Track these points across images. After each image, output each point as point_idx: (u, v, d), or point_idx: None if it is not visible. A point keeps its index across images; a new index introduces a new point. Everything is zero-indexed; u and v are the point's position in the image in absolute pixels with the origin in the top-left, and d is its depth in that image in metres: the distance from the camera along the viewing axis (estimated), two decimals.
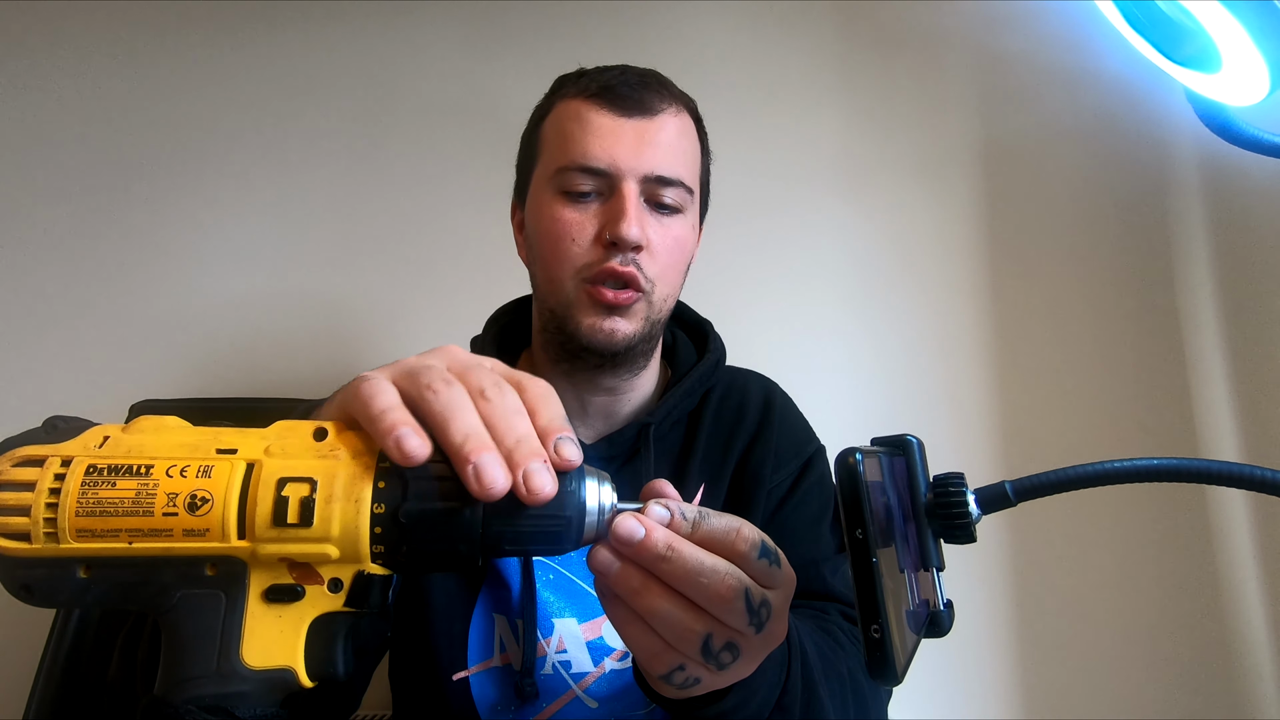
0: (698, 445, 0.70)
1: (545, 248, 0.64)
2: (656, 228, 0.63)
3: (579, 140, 0.62)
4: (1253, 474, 0.30)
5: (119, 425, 0.32)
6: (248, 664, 0.30)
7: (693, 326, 0.78)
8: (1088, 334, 1.16)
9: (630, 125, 0.62)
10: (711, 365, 0.73)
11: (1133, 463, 0.32)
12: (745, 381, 0.76)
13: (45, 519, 0.29)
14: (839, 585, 0.68)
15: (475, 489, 0.29)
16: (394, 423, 0.30)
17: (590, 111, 0.62)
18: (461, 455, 0.30)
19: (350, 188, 1.21)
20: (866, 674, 0.59)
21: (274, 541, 0.30)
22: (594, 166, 0.61)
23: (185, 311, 1.16)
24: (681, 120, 0.65)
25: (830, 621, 0.64)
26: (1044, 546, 1.11)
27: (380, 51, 1.24)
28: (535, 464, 0.30)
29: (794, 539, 0.68)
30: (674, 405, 0.69)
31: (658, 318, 0.66)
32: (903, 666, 0.28)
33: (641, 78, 0.65)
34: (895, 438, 0.35)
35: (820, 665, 0.50)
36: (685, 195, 0.65)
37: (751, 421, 0.72)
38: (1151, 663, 1.07)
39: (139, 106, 1.20)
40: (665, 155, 0.62)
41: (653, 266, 0.63)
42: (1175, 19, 0.43)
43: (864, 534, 0.28)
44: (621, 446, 0.67)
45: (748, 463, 0.70)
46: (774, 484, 0.70)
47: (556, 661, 0.63)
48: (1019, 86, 1.22)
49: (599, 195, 0.62)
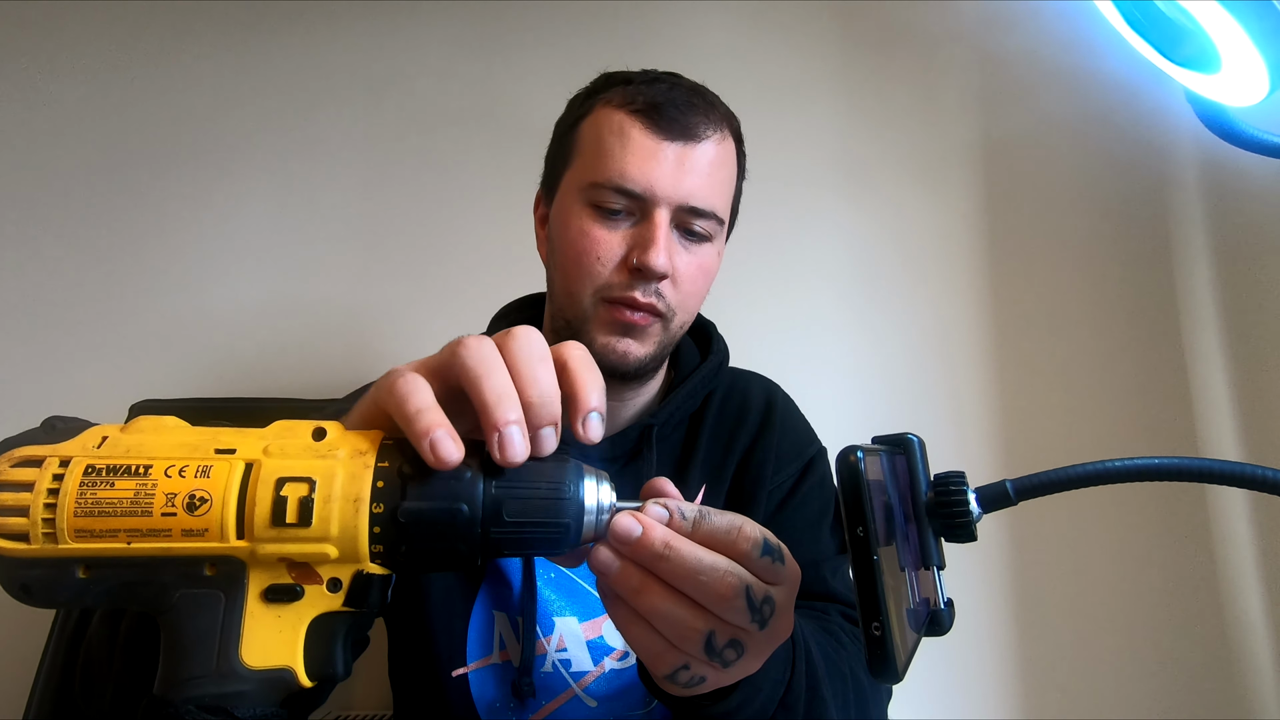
0: (699, 446, 0.70)
1: (569, 259, 0.63)
2: (684, 255, 0.63)
3: (618, 158, 0.60)
4: (1253, 474, 0.30)
5: (117, 425, 0.32)
6: (247, 664, 0.30)
7: (696, 328, 0.77)
8: (1088, 333, 1.16)
9: (672, 149, 0.60)
10: (714, 367, 0.72)
11: (1133, 462, 0.32)
12: (747, 383, 0.76)
13: (44, 519, 0.29)
14: (839, 586, 0.68)
15: (496, 455, 0.31)
16: (429, 425, 0.31)
17: (633, 128, 0.61)
18: (490, 420, 0.31)
19: (352, 187, 1.21)
20: (867, 673, 0.59)
21: (273, 541, 0.30)
22: (630, 188, 0.60)
23: (185, 312, 1.16)
24: (723, 147, 0.64)
25: (831, 622, 0.64)
26: (1044, 546, 1.11)
27: (384, 51, 1.24)
28: (546, 431, 0.32)
29: (794, 540, 0.68)
30: (677, 407, 0.69)
31: (671, 341, 0.66)
32: (903, 664, 0.28)
33: (689, 96, 0.63)
34: (896, 436, 0.35)
35: (824, 664, 0.50)
36: (715, 225, 0.64)
37: (753, 423, 0.72)
38: (1151, 663, 1.07)
39: (139, 107, 1.20)
40: (702, 185, 0.61)
41: (675, 295, 0.63)
42: (1175, 19, 0.43)
43: (865, 532, 0.28)
44: (624, 447, 0.67)
45: (749, 463, 0.70)
46: (775, 484, 0.70)
47: (556, 660, 0.63)
48: (1019, 86, 1.22)
49: (630, 216, 0.61)
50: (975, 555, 1.09)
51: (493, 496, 0.32)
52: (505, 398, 0.31)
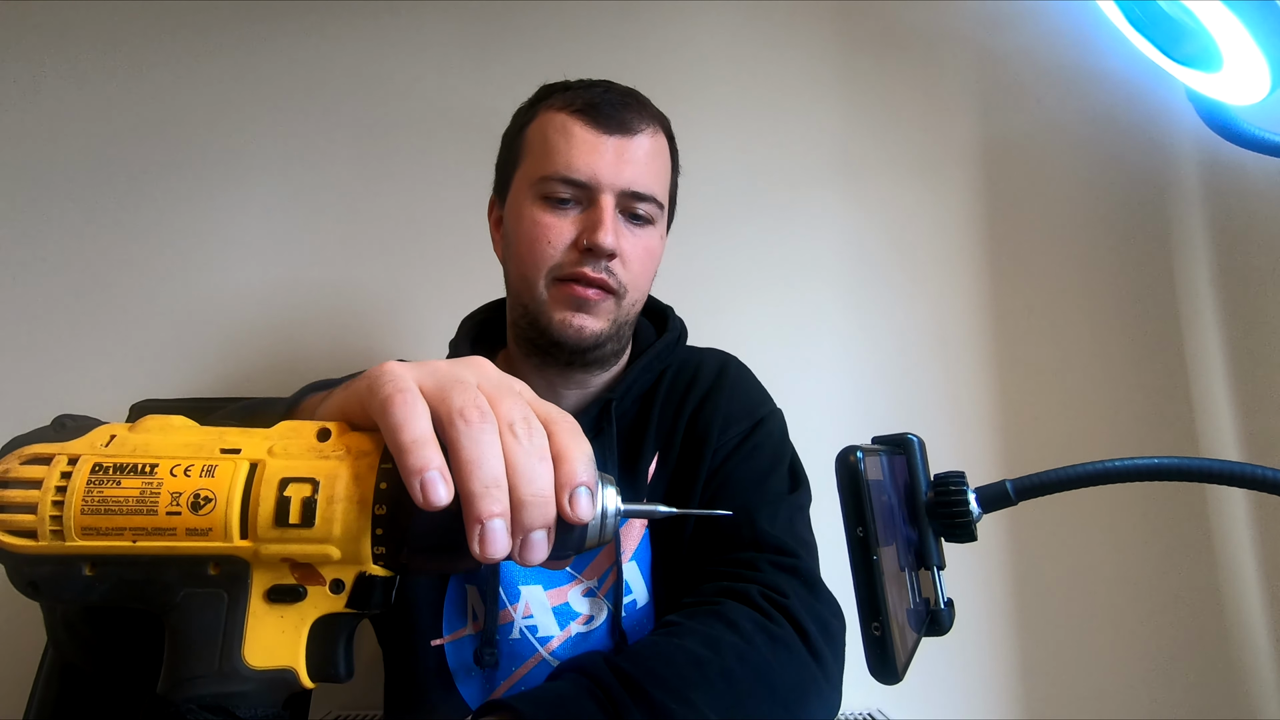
0: (651, 417, 0.73)
1: (522, 247, 0.68)
2: (629, 238, 0.68)
3: (563, 152, 0.66)
4: (1253, 474, 0.30)
5: (126, 424, 0.33)
6: (249, 664, 0.30)
7: (654, 311, 0.81)
8: (1088, 333, 1.16)
9: (611, 142, 0.67)
10: (669, 343, 0.76)
11: (1133, 462, 0.32)
12: (701, 356, 0.79)
13: (51, 516, 0.29)
14: (775, 530, 0.65)
15: (475, 551, 0.29)
16: (424, 464, 0.29)
17: (575, 125, 0.67)
18: (474, 511, 0.29)
19: (353, 187, 1.21)
20: (829, 669, 0.61)
21: (276, 542, 0.30)
22: (576, 178, 0.66)
23: (189, 311, 1.16)
24: (657, 140, 0.70)
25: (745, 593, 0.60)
26: (1044, 546, 1.11)
27: (382, 49, 1.24)
28: (537, 535, 0.30)
29: (736, 489, 0.69)
30: (633, 381, 0.73)
31: (625, 320, 0.70)
32: (903, 665, 0.28)
33: (623, 97, 0.70)
34: (896, 436, 0.35)
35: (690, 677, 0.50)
36: (656, 209, 0.70)
37: (702, 386, 0.74)
38: (1151, 663, 1.07)
39: (140, 107, 1.20)
40: (641, 172, 0.67)
41: (625, 274, 0.68)
42: (1176, 18, 0.43)
43: (865, 533, 0.28)
44: (587, 424, 0.70)
45: (696, 423, 0.72)
46: (721, 443, 0.71)
47: (524, 626, 0.67)
48: (1019, 85, 1.22)
49: (578, 204, 0.67)
50: (975, 555, 1.09)
51: None
52: (495, 488, 0.29)
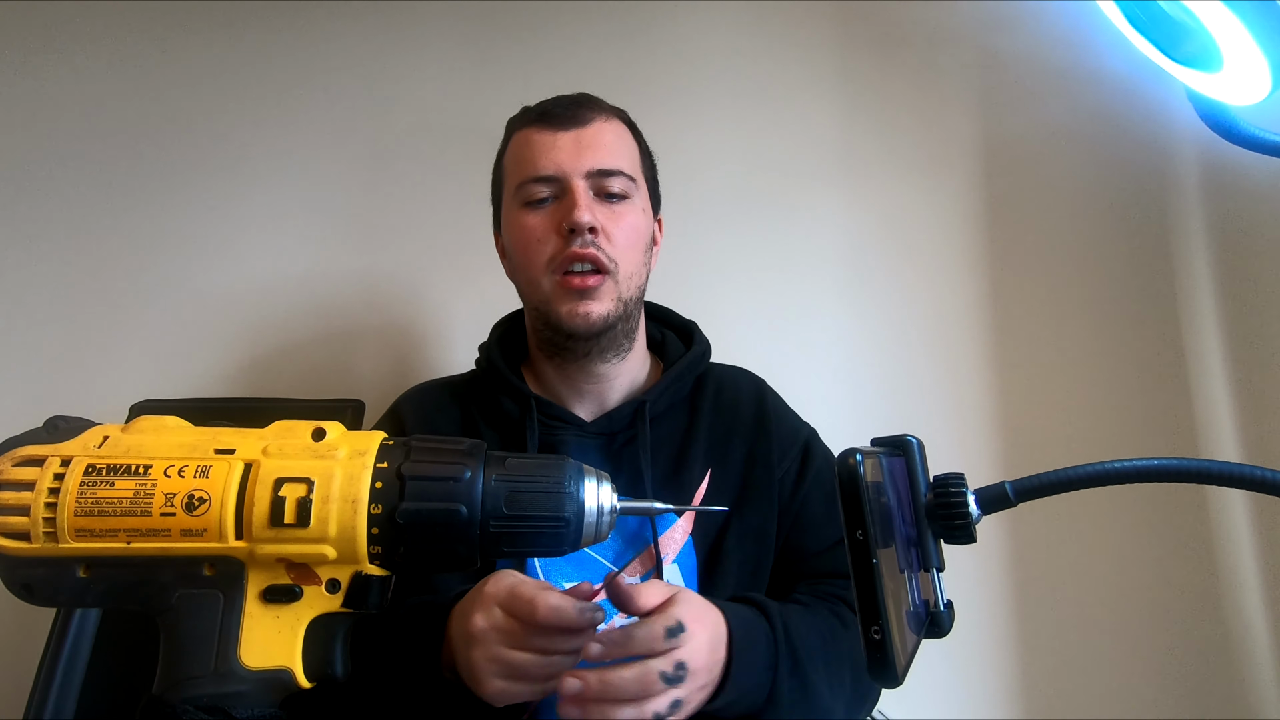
0: (699, 431, 0.75)
1: (519, 253, 0.73)
2: (608, 213, 0.71)
3: (529, 158, 0.72)
4: (1253, 474, 0.30)
5: (119, 425, 0.32)
6: (245, 664, 0.30)
7: (679, 328, 0.85)
8: (1088, 333, 1.16)
9: (568, 136, 0.71)
10: (699, 355, 0.80)
11: (1133, 463, 0.31)
12: (736, 376, 0.83)
13: (44, 518, 0.29)
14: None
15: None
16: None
17: (533, 133, 0.72)
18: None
19: (353, 187, 1.20)
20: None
21: (271, 542, 0.30)
22: (544, 175, 0.70)
23: (189, 311, 1.15)
24: (613, 125, 0.74)
25: (842, 603, 0.69)
26: (1044, 546, 1.10)
27: (383, 49, 1.24)
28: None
29: (812, 528, 0.75)
30: (666, 387, 0.76)
31: (628, 297, 0.72)
32: (903, 667, 0.28)
33: (573, 98, 0.75)
34: (895, 438, 0.35)
35: (822, 654, 0.59)
36: (629, 183, 0.73)
37: (748, 414, 0.78)
38: (1151, 663, 1.06)
39: (139, 107, 1.20)
40: (602, 152, 0.71)
41: (612, 249, 0.70)
42: (1176, 18, 0.43)
43: (864, 535, 0.28)
44: (620, 423, 0.74)
45: (755, 457, 0.75)
46: (782, 471, 0.75)
47: None
48: (1019, 86, 1.21)
49: (555, 198, 0.71)
50: (975, 556, 1.09)
51: (493, 489, 0.31)
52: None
